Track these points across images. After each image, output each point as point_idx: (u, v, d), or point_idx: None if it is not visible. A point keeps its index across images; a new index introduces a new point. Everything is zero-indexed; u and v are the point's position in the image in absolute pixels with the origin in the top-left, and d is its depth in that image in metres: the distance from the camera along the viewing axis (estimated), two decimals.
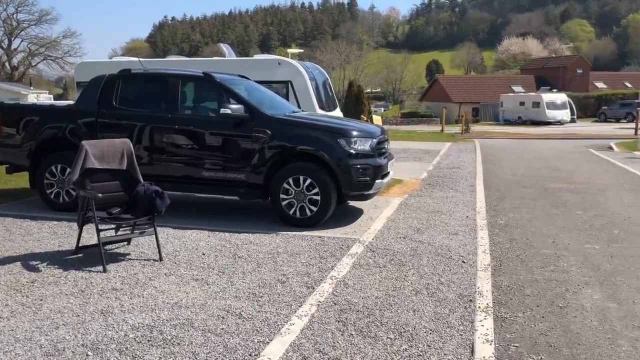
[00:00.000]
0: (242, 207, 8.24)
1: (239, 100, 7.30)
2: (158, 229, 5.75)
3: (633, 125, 28.33)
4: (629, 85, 63.34)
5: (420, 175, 12.09)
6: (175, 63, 13.40)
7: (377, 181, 7.08)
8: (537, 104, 43.50)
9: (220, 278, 5.03)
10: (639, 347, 3.75)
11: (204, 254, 5.78)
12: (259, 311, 4.24)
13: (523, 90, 56.41)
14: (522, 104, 45.70)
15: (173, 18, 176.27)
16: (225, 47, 14.93)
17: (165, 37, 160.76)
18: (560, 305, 4.49)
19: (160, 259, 5.57)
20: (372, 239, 6.42)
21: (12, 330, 3.88)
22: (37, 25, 59.99)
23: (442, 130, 31.73)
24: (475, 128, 35.59)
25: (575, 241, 6.53)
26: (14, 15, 58.85)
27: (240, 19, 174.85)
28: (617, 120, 43.12)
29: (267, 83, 10.90)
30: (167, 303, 4.39)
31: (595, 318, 4.23)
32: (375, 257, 5.70)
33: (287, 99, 11.71)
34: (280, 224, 6.98)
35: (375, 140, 7.21)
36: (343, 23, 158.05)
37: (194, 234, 6.59)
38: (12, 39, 59.59)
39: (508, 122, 45.19)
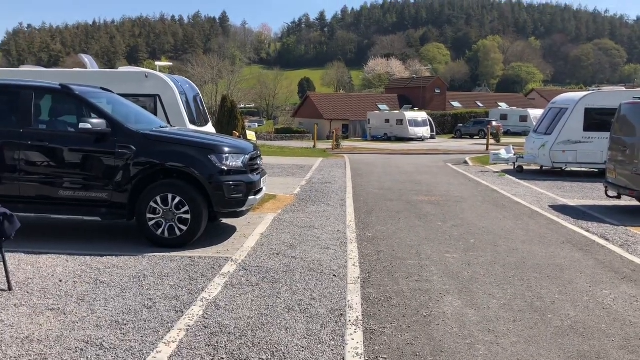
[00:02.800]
0: (105, 229, 7.74)
1: (100, 114, 6.86)
2: (8, 254, 5.21)
3: (485, 141, 31.07)
4: (480, 104, 69.51)
5: (293, 190, 12.22)
6: (30, 74, 12.33)
7: (250, 198, 7.01)
8: (400, 122, 46.17)
9: (80, 306, 4.65)
10: (494, 350, 4.05)
11: (61, 281, 5.32)
12: (122, 340, 3.97)
13: (388, 109, 59.69)
14: (387, 121, 48.25)
15: (29, 25, 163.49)
16: (86, 58, 14.04)
17: (21, 45, 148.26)
18: (424, 314, 4.73)
19: (10, 288, 5.02)
20: (245, 257, 6.34)
21: None
22: None
23: (314, 146, 32.48)
24: (345, 144, 36.90)
25: (436, 251, 6.95)
26: None
27: (106, 30, 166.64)
28: (472, 137, 47.10)
29: (133, 97, 10.42)
30: (17, 338, 3.96)
31: (455, 325, 4.50)
32: (248, 276, 5.62)
33: (156, 114, 11.29)
34: (147, 245, 6.64)
35: (247, 157, 7.15)
36: (215, 37, 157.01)
37: (50, 259, 6.04)
38: None
39: (375, 139, 47.43)
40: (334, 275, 5.69)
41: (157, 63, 15.87)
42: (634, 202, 10.36)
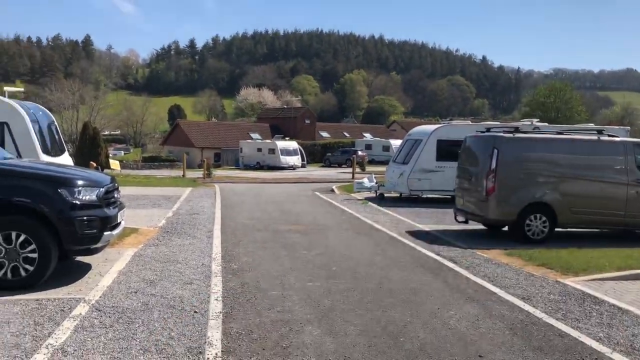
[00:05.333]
0: None
1: None
2: None
3: (351, 170, 32.38)
4: (347, 135, 72.56)
5: (158, 222, 11.80)
6: None
7: (105, 233, 6.66)
8: (272, 151, 46.74)
9: None
10: None
11: None
12: None
13: (260, 138, 60.17)
14: (259, 150, 48.61)
15: None
16: None
17: None
18: (283, 345, 4.78)
19: None
20: (100, 297, 5.98)
21: None
22: None
23: (183, 175, 31.68)
24: (217, 173, 36.44)
25: (299, 280, 7.09)
26: None
27: None
28: (339, 165, 48.94)
29: None
30: None
31: (313, 354, 4.61)
32: (102, 317, 5.32)
33: (2, 144, 10.42)
34: None
35: (102, 190, 6.80)
36: (77, 61, 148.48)
37: None
38: None
39: (248, 167, 47.49)
40: (195, 312, 5.57)
41: (6, 88, 14.63)
42: (480, 226, 11.38)
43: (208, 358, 4.39)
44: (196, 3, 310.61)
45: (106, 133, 77.11)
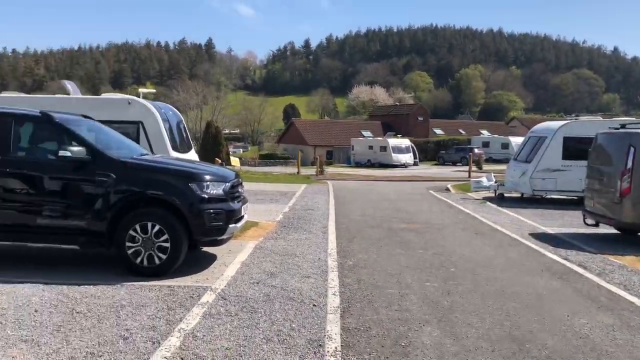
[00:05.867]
0: (83, 257, 7.64)
1: (81, 142, 6.85)
2: None
3: (467, 168, 31.38)
4: (462, 132, 70.45)
5: (276, 217, 12.20)
6: (10, 100, 12.29)
7: (230, 226, 6.99)
8: (384, 148, 46.54)
9: (54, 337, 4.57)
10: None
11: (36, 311, 5.24)
12: None
13: (371, 135, 60.20)
14: (370, 147, 48.61)
15: (14, 50, 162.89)
16: (69, 84, 14.03)
17: (4, 69, 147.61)
18: (403, 344, 4.72)
19: None
20: (225, 286, 6.29)
21: None
22: None
23: (298, 172, 32.53)
24: (329, 170, 37.05)
25: (416, 279, 6.97)
26: None
27: (91, 55, 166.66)
28: (454, 164, 47.57)
29: (115, 123, 10.41)
30: None
31: (434, 355, 4.50)
32: (227, 305, 5.58)
33: (138, 141, 11.27)
34: (126, 274, 6.57)
35: (228, 184, 7.16)
36: (200, 64, 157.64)
37: (25, 289, 5.95)
38: None
39: (359, 165, 47.69)
40: (314, 305, 5.67)
41: (141, 90, 15.87)
42: (612, 230, 10.51)
43: (328, 351, 4.44)
44: (311, 4, 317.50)
45: (226, 131, 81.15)
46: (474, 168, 32.60)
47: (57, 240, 6.82)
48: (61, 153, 6.63)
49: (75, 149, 6.67)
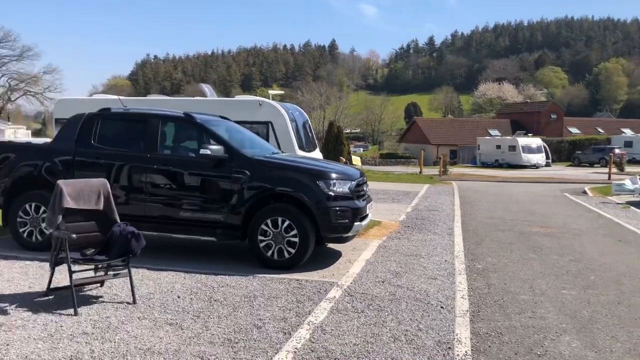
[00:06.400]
0: (219, 249, 8.14)
1: (219, 141, 7.31)
2: (133, 270, 5.63)
3: (606, 170, 28.97)
4: (601, 130, 65.15)
5: (398, 217, 12.12)
6: (156, 102, 13.42)
7: (355, 223, 7.07)
8: (513, 148, 44.38)
9: (195, 322, 4.92)
10: None
11: (179, 297, 5.67)
12: (233, 358, 4.14)
13: (499, 134, 57.64)
14: (498, 147, 46.58)
15: (155, 57, 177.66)
16: (206, 88, 15.04)
17: (147, 75, 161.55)
18: (538, 353, 4.47)
19: (134, 301, 5.44)
20: (351, 283, 6.37)
21: None
22: (19, 61, 59.82)
23: (420, 172, 32.05)
24: (453, 170, 36.06)
25: (552, 287, 6.56)
26: None
27: (223, 59, 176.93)
28: (591, 165, 44.15)
29: (247, 123, 10.97)
30: (140, 349, 4.27)
31: None
32: (354, 302, 5.65)
33: (267, 140, 11.77)
34: (257, 266, 6.90)
35: (354, 183, 7.24)
36: (324, 65, 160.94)
37: (169, 276, 6.47)
38: None
39: (485, 165, 45.93)
40: (442, 307, 5.55)
41: (270, 91, 16.62)
42: None
43: (458, 355, 4.33)
44: (437, 1, 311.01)
45: (347, 131, 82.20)
46: (614, 170, 30.03)
47: (197, 232, 7.33)
48: (202, 151, 7.11)
49: (215, 147, 7.12)
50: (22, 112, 68.61)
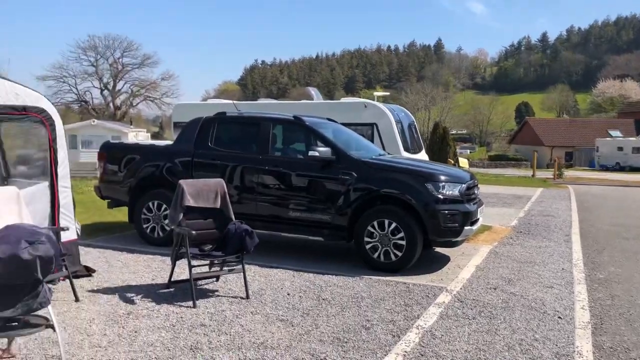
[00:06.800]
0: (324, 248, 8.27)
1: (327, 142, 7.42)
2: (245, 266, 5.87)
3: None
4: None
5: (510, 222, 11.63)
6: (266, 106, 13.90)
7: (466, 228, 6.88)
8: (637, 150, 40.97)
9: (305, 320, 5.03)
10: None
11: (289, 294, 5.83)
12: (343, 357, 4.18)
13: (621, 135, 53.39)
14: (620, 149, 43.29)
15: (263, 62, 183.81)
16: (313, 91, 15.34)
17: (255, 79, 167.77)
18: None
19: (247, 296, 5.67)
20: (460, 289, 6.20)
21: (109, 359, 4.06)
22: (140, 69, 64.58)
23: (533, 175, 30.51)
24: (569, 173, 33.95)
25: None
26: (120, 60, 63.89)
27: (327, 62, 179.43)
28: None
29: (352, 125, 11.03)
30: (254, 343, 4.44)
31: None
32: (464, 308, 5.49)
33: (372, 141, 11.77)
34: (363, 268, 6.92)
35: (464, 186, 7.05)
36: (429, 65, 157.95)
37: (279, 273, 6.67)
38: (117, 81, 64.46)
39: (604, 168, 42.82)
40: (559, 317, 5.25)
41: (375, 93, 16.64)
42: None
43: None
44: None
45: (453, 132, 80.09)
46: None
47: (305, 232, 7.50)
48: (310, 153, 7.26)
49: (322, 149, 7.24)
50: (142, 116, 73.88)
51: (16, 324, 3.69)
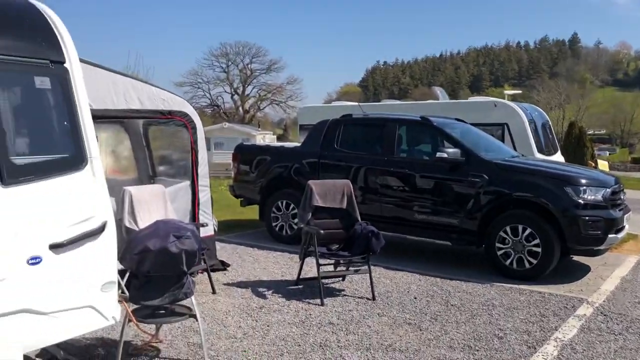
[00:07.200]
0: (452, 253, 8.04)
1: (455, 144, 7.22)
2: (371, 267, 5.87)
3: None
4: None
5: None
6: (390, 106, 13.86)
7: (610, 236, 6.33)
8: None
9: (433, 325, 4.92)
10: None
11: (415, 298, 5.74)
12: None
13: None
14: None
15: (385, 62, 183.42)
16: (438, 91, 15.03)
17: (377, 80, 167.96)
18: None
19: (374, 298, 5.67)
20: (604, 301, 5.72)
21: (244, 351, 4.27)
22: (267, 73, 67.47)
23: None
24: None
25: None
26: (249, 65, 67.23)
27: (451, 61, 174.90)
28: None
29: (481, 125, 10.63)
30: (382, 344, 4.43)
31: None
32: (608, 322, 5.05)
33: (502, 142, 11.27)
34: (494, 274, 6.62)
35: (609, 190, 6.50)
36: (563, 61, 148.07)
37: (404, 276, 6.60)
38: (246, 85, 67.89)
39: None
40: None
41: (506, 91, 15.92)
42: None
43: None
44: None
45: (590, 132, 74.29)
46: None
47: (432, 235, 7.36)
48: (438, 154, 7.09)
49: (451, 150, 7.05)
50: (268, 119, 76.99)
51: (163, 312, 4.00)
